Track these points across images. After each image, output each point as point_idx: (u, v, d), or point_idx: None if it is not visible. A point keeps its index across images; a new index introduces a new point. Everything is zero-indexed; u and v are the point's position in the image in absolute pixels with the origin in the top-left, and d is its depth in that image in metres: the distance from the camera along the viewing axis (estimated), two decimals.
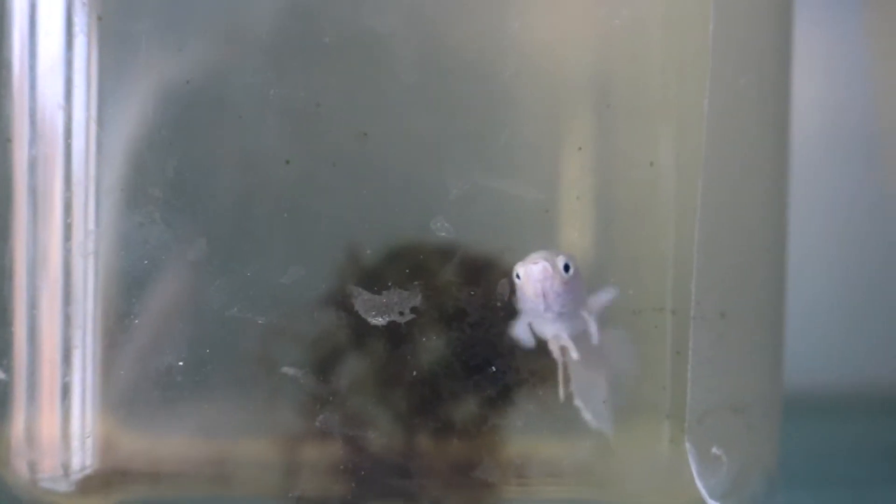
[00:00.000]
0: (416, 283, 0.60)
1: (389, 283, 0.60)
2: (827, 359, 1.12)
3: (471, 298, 0.61)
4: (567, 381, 0.61)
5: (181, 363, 0.60)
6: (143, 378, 0.61)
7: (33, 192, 0.62)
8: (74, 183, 0.61)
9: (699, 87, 0.61)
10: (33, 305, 0.62)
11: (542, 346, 0.62)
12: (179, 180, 0.60)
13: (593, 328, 0.61)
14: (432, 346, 0.60)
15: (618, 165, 0.62)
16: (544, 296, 0.59)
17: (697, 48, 0.61)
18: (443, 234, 0.60)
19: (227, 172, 0.60)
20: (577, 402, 0.62)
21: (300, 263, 0.60)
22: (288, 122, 0.60)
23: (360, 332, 0.60)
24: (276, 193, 0.60)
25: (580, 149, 0.61)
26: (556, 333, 0.61)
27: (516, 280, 0.60)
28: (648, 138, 0.62)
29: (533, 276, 0.59)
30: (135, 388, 0.61)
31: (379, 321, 0.60)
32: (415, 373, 0.61)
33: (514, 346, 0.61)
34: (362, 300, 0.60)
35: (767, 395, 0.66)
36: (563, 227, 0.62)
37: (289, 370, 0.60)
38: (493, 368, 0.61)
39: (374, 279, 0.60)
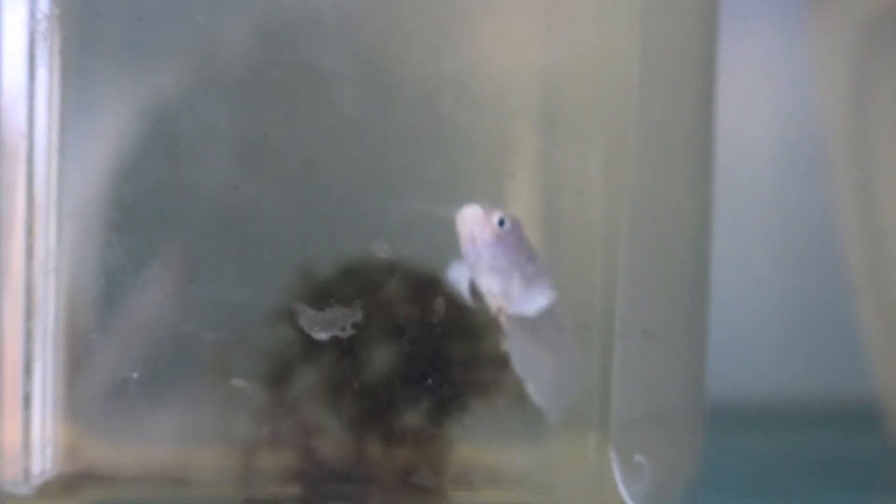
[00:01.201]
0: (357, 300, 0.64)
1: (332, 301, 0.64)
2: (753, 371, 1.16)
3: (409, 315, 0.64)
4: (504, 338, 0.64)
5: (136, 375, 0.64)
6: (102, 389, 0.64)
7: None
8: (36, 206, 0.65)
9: (626, 119, 0.65)
10: None
11: (477, 360, 0.66)
12: (135, 205, 0.64)
13: (517, 291, 0.62)
14: (372, 360, 0.64)
15: (548, 192, 0.66)
16: (473, 241, 0.61)
17: (625, 83, 0.66)
18: (383, 255, 0.64)
19: (180, 198, 0.64)
20: (520, 373, 0.64)
21: (248, 283, 0.64)
22: (237, 152, 0.64)
23: (305, 347, 0.64)
24: (226, 218, 0.64)
25: (512, 176, 0.65)
26: (488, 289, 0.63)
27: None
28: (578, 166, 0.66)
29: (464, 218, 0.62)
30: (94, 399, 0.65)
31: (322, 336, 0.64)
32: (356, 385, 0.64)
33: (450, 361, 0.65)
34: (307, 317, 0.64)
35: (690, 407, 0.71)
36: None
37: (238, 382, 0.64)
38: (429, 381, 0.65)
39: (325, 296, 0.64)
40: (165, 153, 0.64)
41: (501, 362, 0.66)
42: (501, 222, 0.62)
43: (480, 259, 0.62)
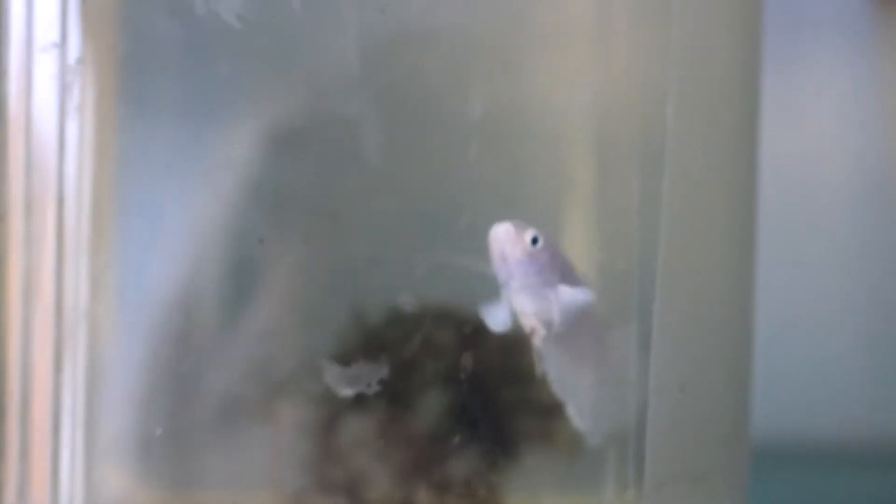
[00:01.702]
0: (382, 355, 0.63)
1: (358, 356, 0.63)
2: (799, 415, 1.13)
3: (437, 370, 0.63)
4: (539, 359, 0.62)
5: (160, 430, 0.63)
6: (138, 438, 0.64)
7: (26, 269, 0.66)
8: (65, 258, 0.65)
9: (660, 164, 0.63)
10: (26, 375, 0.66)
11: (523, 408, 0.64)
12: (162, 258, 0.63)
13: (556, 313, 0.61)
14: (398, 416, 0.63)
15: (579, 243, 0.64)
16: (504, 260, 0.60)
17: (659, 126, 0.64)
18: (410, 309, 0.63)
19: (205, 249, 0.64)
20: (559, 395, 0.63)
21: (273, 337, 0.63)
22: (261, 203, 0.63)
23: (329, 403, 0.63)
24: (251, 270, 0.63)
25: (545, 226, 0.63)
26: (521, 308, 0.61)
27: None
28: (611, 218, 0.64)
29: (495, 235, 0.60)
30: (128, 449, 0.64)
31: (348, 393, 0.63)
32: (399, 434, 0.63)
33: (476, 418, 0.63)
34: (332, 373, 0.63)
35: (730, 463, 0.68)
36: None
37: (253, 437, 0.63)
38: (466, 434, 0.63)
39: (372, 344, 0.63)
40: (193, 205, 0.64)
41: (548, 410, 0.64)
42: (535, 240, 0.60)
43: (512, 277, 0.60)
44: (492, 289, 0.63)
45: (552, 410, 0.65)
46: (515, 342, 0.63)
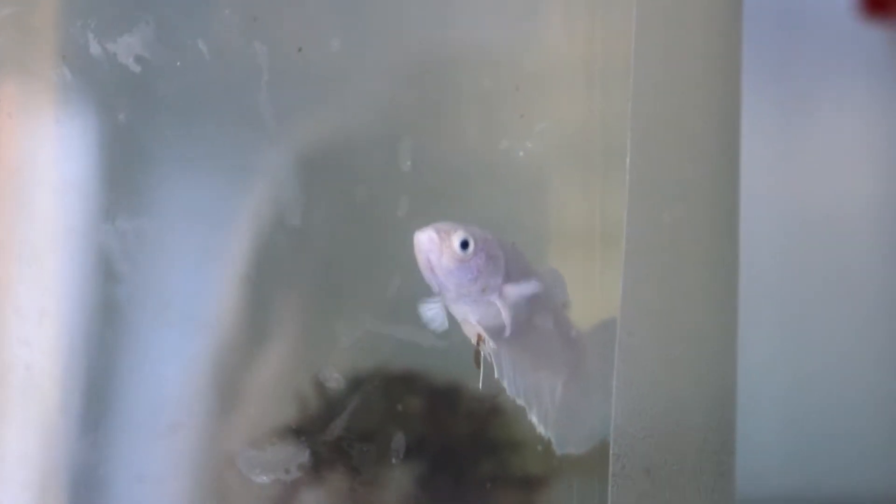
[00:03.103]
0: (302, 438, 0.56)
1: (274, 440, 0.56)
2: (814, 471, 1.05)
3: (363, 455, 0.56)
4: (489, 368, 0.54)
5: None
6: None
7: None
8: None
9: (618, 224, 0.56)
10: None
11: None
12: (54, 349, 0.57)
13: (506, 319, 0.53)
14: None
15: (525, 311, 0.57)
16: (432, 270, 0.52)
17: (615, 182, 0.56)
18: (332, 384, 0.56)
19: (109, 321, 0.57)
20: (520, 401, 0.55)
21: (183, 413, 0.57)
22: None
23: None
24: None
25: (483, 290, 0.56)
26: (462, 318, 0.54)
27: None
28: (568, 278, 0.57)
29: (418, 245, 0.52)
30: None
31: (263, 479, 0.56)
32: None
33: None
34: (245, 457, 0.56)
35: None
36: (469, 377, 0.56)
37: None
38: None
39: (290, 424, 0.56)
40: (96, 277, 0.57)
41: (532, 484, 0.59)
42: (464, 244, 0.52)
43: (445, 288, 0.53)
44: (424, 362, 0.56)
45: (533, 482, 0.60)
46: (483, 407, 0.58)
